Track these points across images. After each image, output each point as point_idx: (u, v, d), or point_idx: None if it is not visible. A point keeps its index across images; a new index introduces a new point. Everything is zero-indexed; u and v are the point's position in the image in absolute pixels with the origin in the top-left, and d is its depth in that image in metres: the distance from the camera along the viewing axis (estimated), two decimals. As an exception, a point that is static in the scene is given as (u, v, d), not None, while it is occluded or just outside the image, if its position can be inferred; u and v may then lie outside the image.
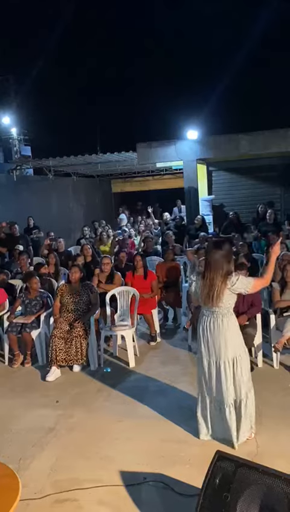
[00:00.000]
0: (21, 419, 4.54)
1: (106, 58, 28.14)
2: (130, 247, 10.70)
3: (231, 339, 3.77)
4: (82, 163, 16.64)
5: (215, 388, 3.80)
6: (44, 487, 3.41)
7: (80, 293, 5.99)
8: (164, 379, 5.26)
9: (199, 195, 14.45)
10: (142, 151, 14.59)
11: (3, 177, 16.54)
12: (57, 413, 4.59)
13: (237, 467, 2.70)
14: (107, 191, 21.87)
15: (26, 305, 6.27)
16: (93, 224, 14.10)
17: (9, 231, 10.76)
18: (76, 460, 3.74)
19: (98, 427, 4.29)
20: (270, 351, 5.47)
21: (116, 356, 6.13)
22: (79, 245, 10.42)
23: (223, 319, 3.77)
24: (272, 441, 3.85)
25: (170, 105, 21.85)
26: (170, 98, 23.45)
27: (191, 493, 3.11)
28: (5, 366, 6.03)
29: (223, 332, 3.76)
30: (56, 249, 9.33)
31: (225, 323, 3.77)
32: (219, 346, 3.76)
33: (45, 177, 17.84)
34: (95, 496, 3.29)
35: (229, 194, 15.40)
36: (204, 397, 3.88)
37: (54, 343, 5.57)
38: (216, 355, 3.78)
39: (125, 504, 3.20)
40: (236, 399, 3.78)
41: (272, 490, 2.57)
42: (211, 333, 3.78)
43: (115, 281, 6.73)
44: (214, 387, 3.81)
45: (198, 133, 14.20)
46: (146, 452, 3.81)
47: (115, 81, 26.95)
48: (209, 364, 3.82)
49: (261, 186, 15.28)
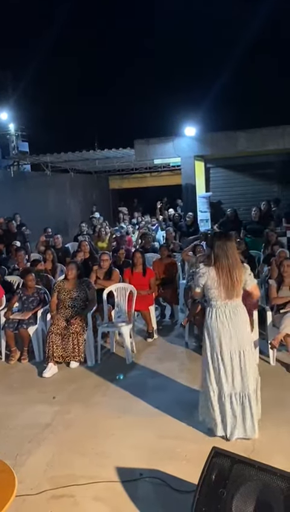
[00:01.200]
0: (18, 415, 4.54)
1: (104, 54, 28.04)
2: (128, 244, 10.69)
3: (247, 327, 3.85)
4: (80, 159, 16.62)
5: (236, 379, 3.76)
6: (40, 483, 3.41)
7: (77, 290, 5.98)
8: (161, 375, 5.27)
9: (197, 192, 14.44)
10: (140, 148, 14.58)
11: (1, 173, 16.53)
12: (53, 410, 4.59)
13: (233, 463, 2.71)
14: (104, 187, 21.84)
15: (24, 302, 6.26)
16: (91, 220, 14.10)
17: (7, 227, 10.75)
18: (72, 457, 3.75)
19: (94, 423, 4.30)
20: (266, 348, 5.48)
21: (113, 352, 6.13)
22: (76, 241, 10.42)
23: (239, 309, 3.81)
24: (269, 437, 3.86)
25: (168, 101, 21.79)
26: (168, 94, 23.42)
27: (188, 489, 3.12)
28: (1, 362, 6.02)
29: (243, 321, 3.80)
30: (53, 245, 9.32)
31: (243, 313, 3.82)
32: (241, 335, 3.77)
33: (43, 173, 17.81)
34: (91, 492, 3.29)
35: (226, 191, 15.40)
36: (221, 393, 3.78)
37: (51, 340, 5.57)
38: (239, 344, 3.75)
39: (121, 500, 3.21)
40: (255, 387, 3.81)
41: (268, 486, 2.58)
42: (231, 324, 3.75)
43: (113, 277, 6.73)
44: (236, 379, 3.76)
45: (196, 129, 14.19)
46: (143, 448, 3.82)
47: (113, 77, 26.89)
48: (230, 356, 3.75)
49: (258, 184, 15.29)
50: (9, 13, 21.76)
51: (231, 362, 3.76)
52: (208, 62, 22.67)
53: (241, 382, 3.77)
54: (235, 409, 3.77)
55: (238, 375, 3.76)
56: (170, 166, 18.10)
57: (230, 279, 3.70)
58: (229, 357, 3.76)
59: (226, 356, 3.76)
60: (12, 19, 22.58)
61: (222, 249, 3.72)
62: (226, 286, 3.71)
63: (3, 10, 21.93)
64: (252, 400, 3.76)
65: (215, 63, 21.45)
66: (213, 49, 22.89)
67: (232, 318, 3.76)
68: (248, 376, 3.77)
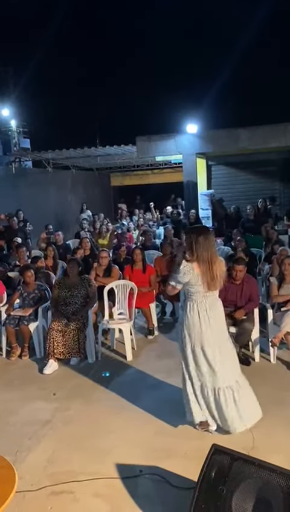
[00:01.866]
0: (18, 411, 4.55)
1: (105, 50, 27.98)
2: (129, 241, 10.69)
3: (224, 320, 3.91)
4: (81, 156, 16.60)
5: (219, 373, 3.76)
6: (40, 479, 3.42)
7: (77, 287, 5.98)
8: (161, 373, 5.27)
9: (198, 190, 14.44)
10: (141, 145, 14.57)
11: (2, 169, 16.51)
12: (53, 406, 4.60)
13: (232, 460, 2.71)
14: (106, 184, 21.82)
15: (24, 298, 6.26)
16: (93, 218, 14.09)
17: (8, 224, 10.75)
18: (72, 453, 3.75)
19: (94, 420, 4.30)
20: (267, 346, 5.48)
21: (113, 349, 6.14)
22: (77, 238, 10.42)
23: (217, 302, 3.85)
24: (268, 435, 3.86)
25: (170, 98, 21.76)
26: (170, 91, 23.41)
27: (187, 486, 3.13)
28: (2, 359, 6.03)
29: (221, 314, 3.85)
30: (54, 242, 9.32)
31: (219, 305, 3.87)
32: (221, 327, 3.81)
33: (44, 170, 17.80)
34: (91, 488, 3.30)
35: (228, 189, 15.40)
36: (204, 387, 3.81)
37: (51, 336, 5.58)
38: (219, 336, 3.77)
39: (121, 496, 3.21)
40: (238, 377, 3.83)
41: (267, 484, 2.58)
42: (211, 317, 3.75)
43: (112, 274, 6.73)
44: (218, 372, 3.76)
45: (198, 126, 14.18)
46: (142, 445, 3.82)
47: (114, 73, 26.83)
48: (212, 349, 3.75)
49: (260, 181, 15.29)
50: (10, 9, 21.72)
51: (213, 355, 3.75)
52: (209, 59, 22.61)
53: (223, 375, 3.76)
54: (223, 402, 3.75)
55: (221, 368, 3.75)
56: (172, 164, 18.08)
57: (211, 273, 3.67)
58: (211, 351, 3.74)
59: (209, 350, 3.74)
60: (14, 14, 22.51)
61: (201, 243, 3.67)
62: (207, 280, 3.69)
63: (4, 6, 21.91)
64: (236, 390, 3.77)
65: (217, 59, 21.40)
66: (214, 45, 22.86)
67: (211, 311, 3.78)
68: (229, 368, 3.79)
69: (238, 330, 5.41)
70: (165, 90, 23.81)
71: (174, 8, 23.34)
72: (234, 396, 3.76)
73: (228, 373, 3.78)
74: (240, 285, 5.52)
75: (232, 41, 21.05)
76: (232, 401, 3.75)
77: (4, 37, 22.22)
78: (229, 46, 20.82)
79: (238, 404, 3.75)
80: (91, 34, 26.20)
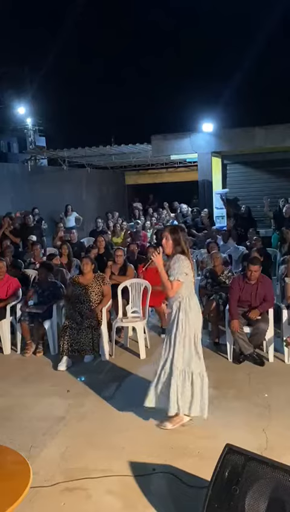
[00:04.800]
0: (32, 407, 4.59)
1: (122, 49, 27.99)
2: (143, 240, 10.70)
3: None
4: (96, 154, 16.63)
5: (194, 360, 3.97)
6: (54, 475, 3.44)
7: (92, 284, 6.01)
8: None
9: (213, 189, 14.37)
10: (156, 143, 14.54)
11: (18, 167, 16.63)
12: (67, 402, 4.63)
13: (246, 460, 2.70)
14: (120, 182, 21.84)
15: (39, 295, 6.31)
16: (107, 216, 14.10)
17: (23, 221, 10.82)
18: (86, 450, 3.77)
19: (108, 417, 4.32)
20: (282, 346, 5.44)
21: (127, 347, 6.15)
22: (92, 236, 10.45)
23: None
24: (282, 436, 3.84)
25: (186, 97, 21.72)
26: (186, 90, 23.33)
27: (200, 485, 3.12)
28: (17, 355, 6.09)
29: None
30: (69, 240, 9.36)
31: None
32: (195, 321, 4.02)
33: (59, 168, 17.87)
34: (104, 485, 3.31)
35: (243, 188, 15.28)
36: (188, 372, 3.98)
37: (65, 334, 5.61)
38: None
39: (134, 494, 3.22)
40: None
41: (281, 485, 2.56)
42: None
43: (127, 273, 6.74)
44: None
45: (213, 125, 14.10)
46: (156, 443, 3.83)
47: (131, 72, 26.85)
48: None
49: (276, 180, 15.15)
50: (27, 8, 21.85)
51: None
52: (225, 57, 22.51)
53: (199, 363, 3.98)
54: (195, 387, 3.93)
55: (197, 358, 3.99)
56: (187, 162, 18.02)
57: (191, 264, 4.04)
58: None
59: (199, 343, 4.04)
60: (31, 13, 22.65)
61: (182, 238, 4.00)
62: (193, 270, 4.04)
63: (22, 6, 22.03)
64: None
65: (232, 58, 21.31)
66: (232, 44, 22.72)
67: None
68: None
69: (253, 330, 5.39)
70: (181, 89, 23.74)
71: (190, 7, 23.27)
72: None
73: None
74: (255, 285, 5.49)
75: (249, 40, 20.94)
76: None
77: (21, 37, 22.35)
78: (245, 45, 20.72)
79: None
80: (108, 32, 26.25)
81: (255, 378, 5.04)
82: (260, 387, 4.82)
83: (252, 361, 5.39)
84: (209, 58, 23.82)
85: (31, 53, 22.88)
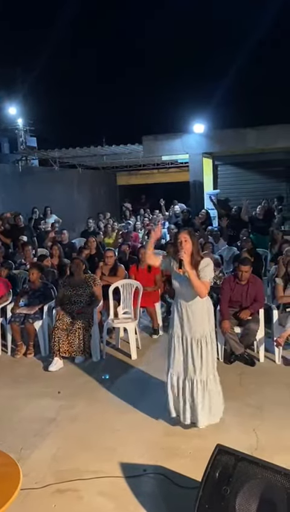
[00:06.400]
0: (23, 409, 4.57)
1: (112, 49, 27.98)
2: (134, 240, 10.69)
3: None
4: (87, 155, 16.61)
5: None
6: (45, 477, 3.43)
7: (82, 285, 5.99)
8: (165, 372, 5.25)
9: (204, 189, 14.41)
10: (148, 144, 14.56)
11: (9, 167, 16.53)
12: (58, 404, 4.61)
13: (237, 460, 2.71)
14: (112, 183, 21.81)
15: (30, 296, 6.28)
16: (98, 217, 14.09)
17: (14, 222, 10.77)
18: (77, 451, 3.76)
19: (99, 419, 4.31)
20: (272, 346, 5.47)
21: (118, 348, 6.15)
22: (84, 237, 10.42)
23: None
24: (273, 436, 3.85)
25: (177, 98, 21.74)
26: (177, 90, 23.33)
27: (191, 486, 3.13)
28: (7, 357, 6.06)
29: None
30: (60, 241, 9.33)
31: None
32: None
33: (50, 168, 17.81)
34: (95, 487, 3.31)
35: (235, 189, 15.34)
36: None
37: (56, 335, 5.59)
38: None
39: (125, 495, 3.22)
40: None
41: (271, 485, 2.57)
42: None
43: (118, 273, 6.74)
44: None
45: (204, 126, 14.15)
46: (147, 444, 3.83)
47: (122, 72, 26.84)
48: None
49: (267, 181, 15.24)
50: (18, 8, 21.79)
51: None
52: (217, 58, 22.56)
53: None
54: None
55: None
56: (178, 163, 18.05)
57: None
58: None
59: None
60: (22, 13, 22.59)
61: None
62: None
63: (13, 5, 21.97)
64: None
65: (224, 59, 21.36)
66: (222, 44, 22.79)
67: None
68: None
69: (244, 330, 5.41)
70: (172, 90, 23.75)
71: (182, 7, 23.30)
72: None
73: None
74: (245, 286, 5.51)
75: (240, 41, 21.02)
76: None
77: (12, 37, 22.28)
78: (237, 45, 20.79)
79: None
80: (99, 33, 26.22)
81: (246, 379, 5.06)
82: (251, 387, 4.84)
83: (243, 362, 5.41)
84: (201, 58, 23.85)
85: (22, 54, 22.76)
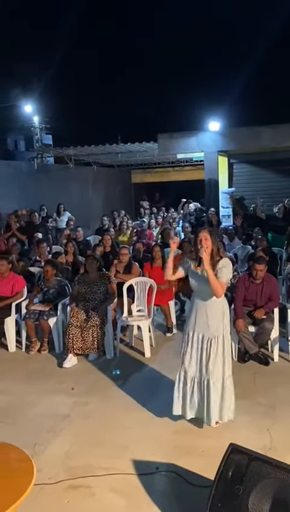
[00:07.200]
0: (37, 405, 4.60)
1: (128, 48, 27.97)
2: (149, 238, 10.68)
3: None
4: (102, 152, 16.66)
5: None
6: (58, 473, 3.45)
7: (97, 283, 6.01)
8: (179, 370, 5.25)
9: (220, 188, 14.34)
10: (163, 142, 14.53)
11: (24, 165, 16.67)
12: (72, 400, 4.64)
13: (250, 460, 2.70)
14: (127, 181, 21.84)
15: (44, 293, 6.32)
16: (112, 214, 14.11)
17: (29, 219, 10.85)
18: (90, 448, 3.78)
19: (112, 416, 4.32)
20: (287, 346, 5.43)
21: (132, 346, 6.15)
22: (98, 235, 10.45)
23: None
24: (287, 436, 3.83)
25: (193, 96, 21.69)
26: (193, 88, 23.26)
27: (203, 484, 3.12)
28: (22, 353, 6.10)
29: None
30: (74, 238, 9.37)
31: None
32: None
33: (66, 166, 17.90)
34: (108, 484, 3.32)
35: (250, 187, 15.23)
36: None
37: (70, 332, 5.62)
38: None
39: (137, 493, 3.23)
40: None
41: (285, 485, 2.56)
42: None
43: (132, 271, 6.74)
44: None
45: (220, 124, 14.07)
46: (159, 442, 3.83)
47: (138, 70, 26.82)
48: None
49: (282, 179, 15.10)
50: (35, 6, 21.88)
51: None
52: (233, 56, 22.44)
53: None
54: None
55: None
56: (193, 161, 18.00)
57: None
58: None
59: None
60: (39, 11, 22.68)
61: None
62: None
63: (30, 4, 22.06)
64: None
65: (240, 57, 21.24)
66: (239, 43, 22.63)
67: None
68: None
69: (258, 330, 5.38)
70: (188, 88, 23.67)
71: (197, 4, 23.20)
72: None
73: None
74: (260, 285, 5.47)
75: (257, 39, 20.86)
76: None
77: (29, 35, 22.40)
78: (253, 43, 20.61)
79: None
80: (114, 31, 26.24)
81: (260, 378, 5.03)
82: (265, 387, 4.81)
83: (257, 361, 5.38)
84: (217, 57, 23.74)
85: (38, 51, 22.93)
